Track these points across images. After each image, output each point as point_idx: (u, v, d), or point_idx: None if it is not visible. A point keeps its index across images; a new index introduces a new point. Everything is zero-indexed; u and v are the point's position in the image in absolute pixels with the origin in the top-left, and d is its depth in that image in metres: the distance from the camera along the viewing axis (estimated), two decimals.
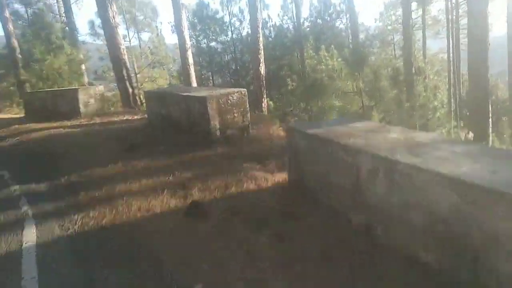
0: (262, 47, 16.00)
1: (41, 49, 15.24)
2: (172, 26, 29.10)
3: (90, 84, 18.46)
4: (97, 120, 8.48)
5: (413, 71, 22.72)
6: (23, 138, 7.32)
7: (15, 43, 16.44)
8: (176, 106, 6.34)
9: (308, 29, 29.84)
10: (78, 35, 22.32)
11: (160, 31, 31.55)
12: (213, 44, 30.33)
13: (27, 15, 19.83)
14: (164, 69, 22.07)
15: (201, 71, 27.49)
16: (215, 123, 5.58)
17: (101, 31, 22.71)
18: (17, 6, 20.43)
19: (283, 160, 4.95)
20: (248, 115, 5.93)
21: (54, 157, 5.99)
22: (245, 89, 5.90)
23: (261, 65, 15.89)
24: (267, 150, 5.35)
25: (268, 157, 5.06)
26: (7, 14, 16.37)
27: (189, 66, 15.85)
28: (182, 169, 4.77)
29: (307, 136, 3.43)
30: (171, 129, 6.44)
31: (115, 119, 8.49)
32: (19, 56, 16.66)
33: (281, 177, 4.28)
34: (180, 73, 22.86)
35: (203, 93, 5.91)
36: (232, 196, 3.89)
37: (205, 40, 29.88)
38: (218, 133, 5.62)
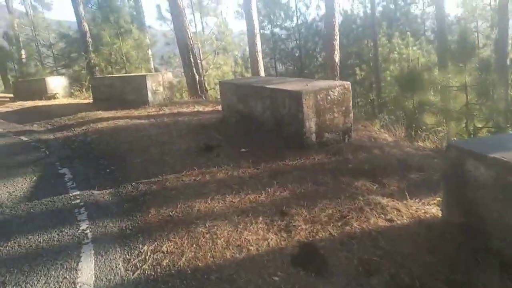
0: (337, 33, 14.48)
1: (110, 33, 15.08)
2: (236, 12, 28.28)
3: (156, 69, 18.19)
4: (166, 110, 7.72)
5: (508, 62, 19.75)
6: (89, 129, 6.73)
7: (85, 27, 16.47)
8: (259, 100, 5.28)
9: (378, 15, 27.61)
10: (145, 19, 22.24)
11: (225, 17, 30.84)
12: (276, 30, 29.21)
13: None
14: (228, 55, 21.30)
15: (264, 59, 26.41)
16: (311, 124, 4.44)
17: (168, 15, 22.45)
18: None
19: (407, 179, 3.72)
20: (351, 115, 4.71)
21: (121, 154, 5.24)
22: (348, 83, 4.67)
23: (335, 53, 14.38)
24: (380, 162, 4.11)
25: (385, 173, 3.83)
26: None
27: (257, 53, 14.81)
28: (274, 184, 3.71)
29: (497, 164, 2.16)
30: (251, 127, 5.42)
31: (185, 110, 7.67)
32: (90, 40, 16.71)
33: (421, 209, 3.05)
34: (246, 60, 22.00)
35: (295, 86, 4.78)
36: (355, 237, 2.74)
37: (269, 26, 28.79)
38: (313, 137, 4.48)
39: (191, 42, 13.15)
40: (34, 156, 5.55)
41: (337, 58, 14.44)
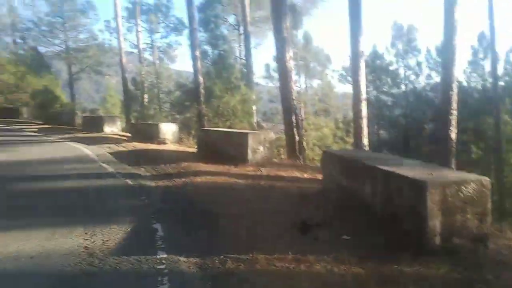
0: (455, 108, 13.18)
1: (220, 87, 16.15)
2: (340, 75, 28.43)
3: (259, 123, 18.78)
4: (264, 171, 7.52)
5: None
6: (189, 181, 6.81)
7: (200, 79, 17.97)
8: (368, 181, 4.68)
9: (500, 90, 25.09)
10: (253, 77, 23.65)
11: (330, 80, 31.43)
12: (382, 96, 28.53)
13: (213, 55, 22.00)
14: (329, 118, 21.11)
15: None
16: (435, 223, 3.66)
17: (274, 75, 23.52)
18: (206, 47, 23.00)
19: None
20: (489, 219, 3.81)
21: (215, 216, 5.03)
22: (487, 179, 3.82)
23: (451, 128, 13.01)
24: None
25: None
26: (197, 53, 18.13)
27: (362, 119, 14.21)
28: None
29: None
30: (356, 210, 4.79)
31: (283, 173, 7.36)
32: (202, 91, 18.13)
33: None
34: (347, 124, 21.54)
35: (415, 172, 4.09)
36: None
37: (374, 92, 28.26)
38: (437, 240, 3.68)
39: (295, 103, 13.23)
40: (134, 204, 5.69)
41: (453, 135, 13.01)
